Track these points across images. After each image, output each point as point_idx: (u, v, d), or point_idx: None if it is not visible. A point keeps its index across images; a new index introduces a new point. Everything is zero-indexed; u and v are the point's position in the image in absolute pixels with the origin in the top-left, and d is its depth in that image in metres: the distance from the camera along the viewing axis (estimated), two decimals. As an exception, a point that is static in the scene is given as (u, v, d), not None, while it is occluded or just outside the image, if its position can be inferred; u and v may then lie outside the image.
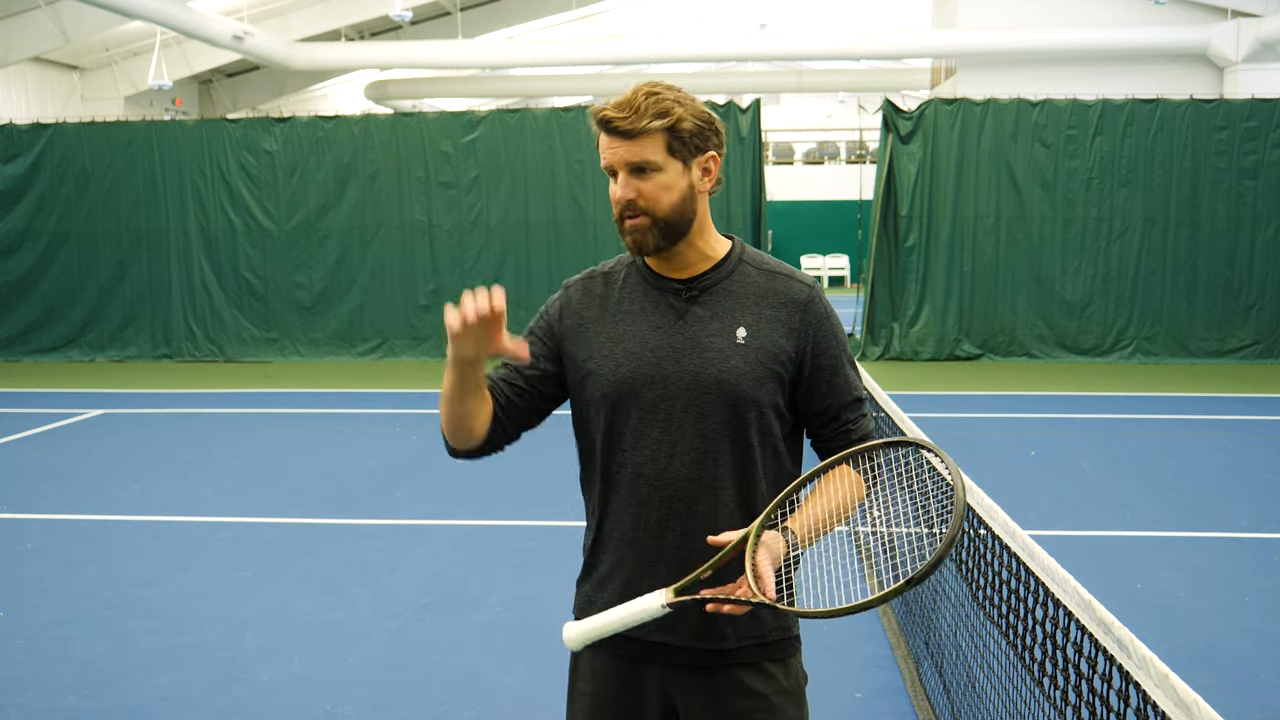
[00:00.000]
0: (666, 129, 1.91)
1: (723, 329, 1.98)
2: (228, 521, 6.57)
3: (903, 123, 12.76)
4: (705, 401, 1.96)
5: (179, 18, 16.78)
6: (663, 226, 1.95)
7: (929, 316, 12.87)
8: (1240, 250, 12.59)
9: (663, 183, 1.93)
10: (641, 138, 1.91)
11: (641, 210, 1.94)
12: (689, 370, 1.97)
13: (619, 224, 1.98)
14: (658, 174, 1.93)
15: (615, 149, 1.93)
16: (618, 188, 1.94)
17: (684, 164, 1.95)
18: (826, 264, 24.83)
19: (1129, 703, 1.96)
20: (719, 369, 1.96)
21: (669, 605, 1.82)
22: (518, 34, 26.86)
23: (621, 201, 1.94)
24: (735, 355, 1.97)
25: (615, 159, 1.93)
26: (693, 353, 1.98)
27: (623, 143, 1.91)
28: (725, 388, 1.96)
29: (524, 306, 13.18)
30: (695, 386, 1.96)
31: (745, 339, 1.98)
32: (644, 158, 1.92)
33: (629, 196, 1.93)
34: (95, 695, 4.21)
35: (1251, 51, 17.38)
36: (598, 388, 2.02)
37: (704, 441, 1.97)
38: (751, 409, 1.97)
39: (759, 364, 1.97)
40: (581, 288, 2.13)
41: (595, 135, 1.99)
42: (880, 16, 29.11)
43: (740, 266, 2.04)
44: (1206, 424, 9.54)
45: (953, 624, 3.71)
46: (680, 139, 1.93)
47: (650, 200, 1.93)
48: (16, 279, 13.51)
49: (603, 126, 1.93)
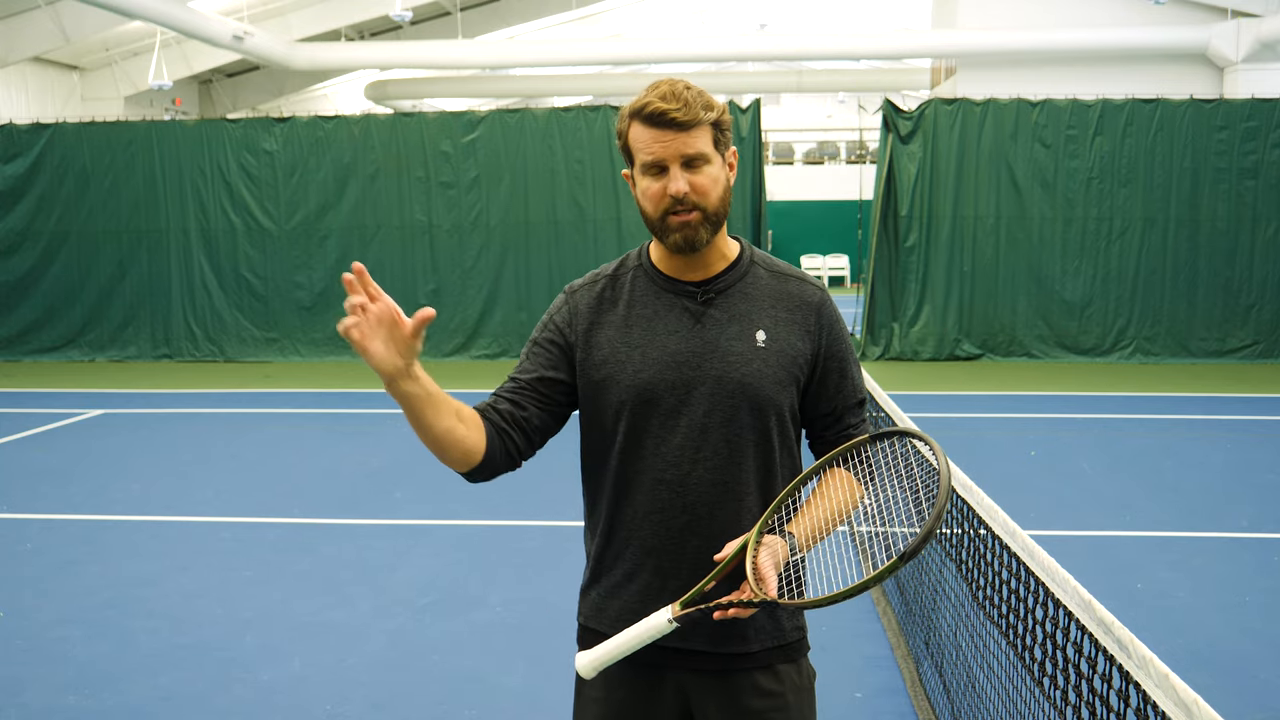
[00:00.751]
0: (712, 122, 1.91)
1: (742, 332, 1.97)
2: (228, 521, 6.57)
3: (903, 123, 12.76)
4: (729, 406, 1.95)
5: (179, 18, 16.78)
6: (713, 221, 1.93)
7: (929, 316, 12.87)
8: (1240, 250, 12.59)
9: (712, 175, 1.91)
10: (695, 129, 1.88)
11: (694, 204, 1.90)
12: (711, 375, 1.95)
13: (660, 221, 1.92)
14: (708, 166, 1.91)
15: (668, 142, 1.88)
16: (670, 182, 1.89)
17: (722, 157, 1.95)
18: (826, 264, 24.83)
19: (1129, 703, 1.96)
20: (742, 372, 1.95)
21: (675, 620, 1.82)
22: (518, 34, 26.86)
23: (676, 195, 1.89)
24: (757, 359, 1.96)
25: (668, 152, 1.88)
26: (714, 356, 1.96)
27: (676, 135, 1.87)
28: (749, 391, 1.95)
29: (524, 308, 13.23)
30: (719, 391, 1.95)
31: (765, 342, 1.97)
32: (698, 149, 1.89)
33: (683, 190, 1.89)
34: (95, 695, 4.21)
35: (1251, 51, 17.38)
36: (615, 394, 1.98)
37: (728, 446, 1.96)
38: (773, 412, 1.97)
39: (780, 367, 1.97)
40: (588, 293, 2.07)
41: (620, 131, 1.95)
42: (880, 16, 29.11)
43: (752, 269, 2.04)
44: (1206, 424, 9.54)
45: (953, 624, 3.71)
46: (721, 131, 1.93)
47: (702, 193, 1.90)
48: (16, 279, 13.51)
49: (652, 120, 1.88)
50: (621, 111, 1.96)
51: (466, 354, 13.23)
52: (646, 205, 1.93)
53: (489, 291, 13.23)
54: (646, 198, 1.93)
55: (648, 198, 1.93)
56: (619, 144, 1.98)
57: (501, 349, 13.20)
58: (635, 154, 1.93)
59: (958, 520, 3.48)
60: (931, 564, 4.08)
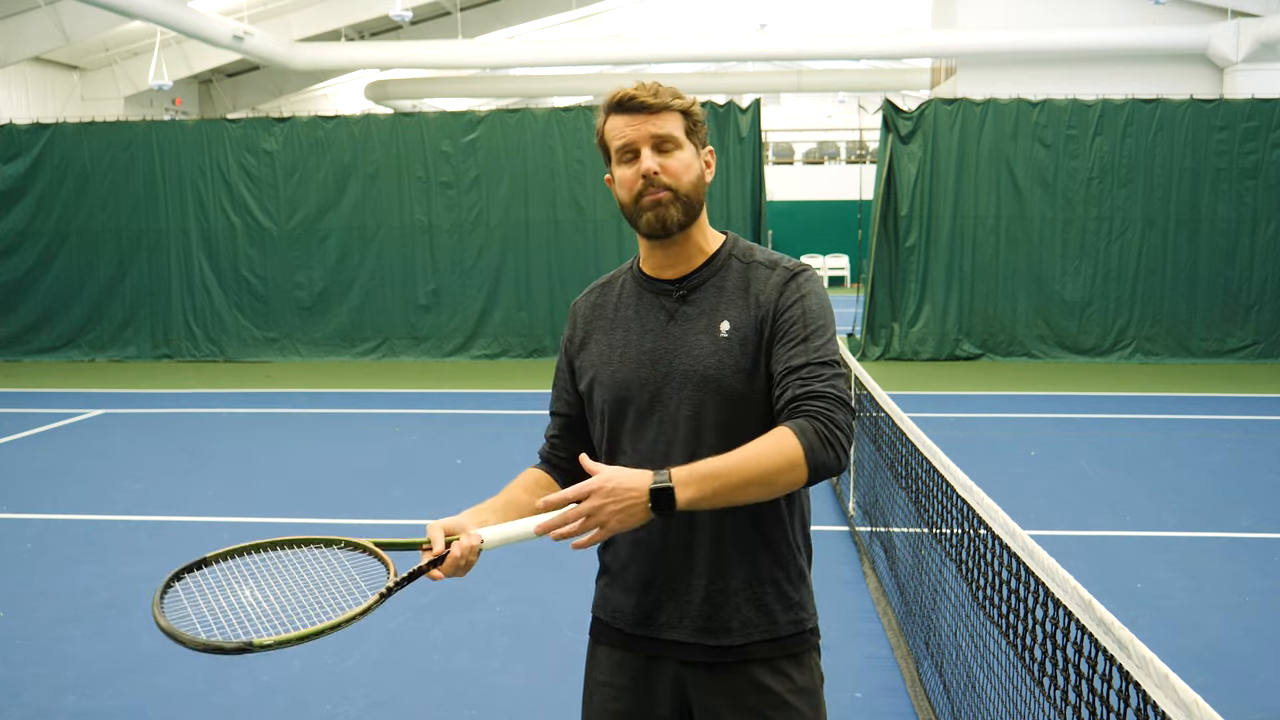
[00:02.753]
0: (682, 111, 1.98)
1: (709, 325, 2.00)
2: (228, 521, 6.56)
3: (903, 123, 12.76)
4: (696, 399, 1.98)
5: (179, 18, 16.79)
6: (684, 201, 1.98)
7: (929, 316, 12.87)
8: (1240, 250, 12.59)
9: (684, 160, 1.98)
10: (664, 113, 1.97)
11: (664, 185, 1.95)
12: (678, 370, 1.99)
13: (635, 204, 1.98)
14: (679, 151, 1.97)
15: (638, 125, 1.96)
16: (641, 161, 1.96)
17: (696, 149, 2.01)
18: (826, 264, 24.84)
19: (1129, 703, 1.96)
20: (705, 365, 1.98)
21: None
22: (518, 34, 26.88)
23: (646, 173, 1.95)
24: (720, 349, 1.98)
25: (639, 134, 1.96)
26: (681, 352, 2.00)
27: (646, 118, 1.96)
28: (713, 383, 1.97)
29: (524, 308, 13.23)
30: (686, 385, 1.99)
31: (729, 332, 1.99)
32: (668, 131, 1.96)
33: (653, 168, 1.94)
34: (95, 695, 4.21)
35: (1251, 51, 17.39)
36: (598, 394, 2.07)
37: (697, 438, 1.98)
38: (741, 401, 1.97)
39: (743, 355, 1.97)
40: (585, 303, 2.18)
41: (598, 129, 2.02)
42: (880, 16, 29.11)
43: (729, 262, 2.06)
44: (1206, 424, 9.54)
45: (953, 624, 3.71)
46: (693, 123, 2.00)
47: (674, 175, 1.96)
48: (16, 279, 13.51)
49: (622, 107, 1.97)
50: (597, 111, 2.01)
51: (466, 354, 13.23)
52: (622, 194, 2.00)
53: (489, 291, 13.23)
54: (622, 186, 2.00)
55: (623, 186, 1.99)
56: (597, 143, 2.04)
57: (502, 349, 13.20)
58: (610, 144, 2.00)
59: (958, 520, 3.48)
60: (931, 564, 4.08)
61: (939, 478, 3.81)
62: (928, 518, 4.08)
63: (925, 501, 4.13)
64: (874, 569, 5.47)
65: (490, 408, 10.20)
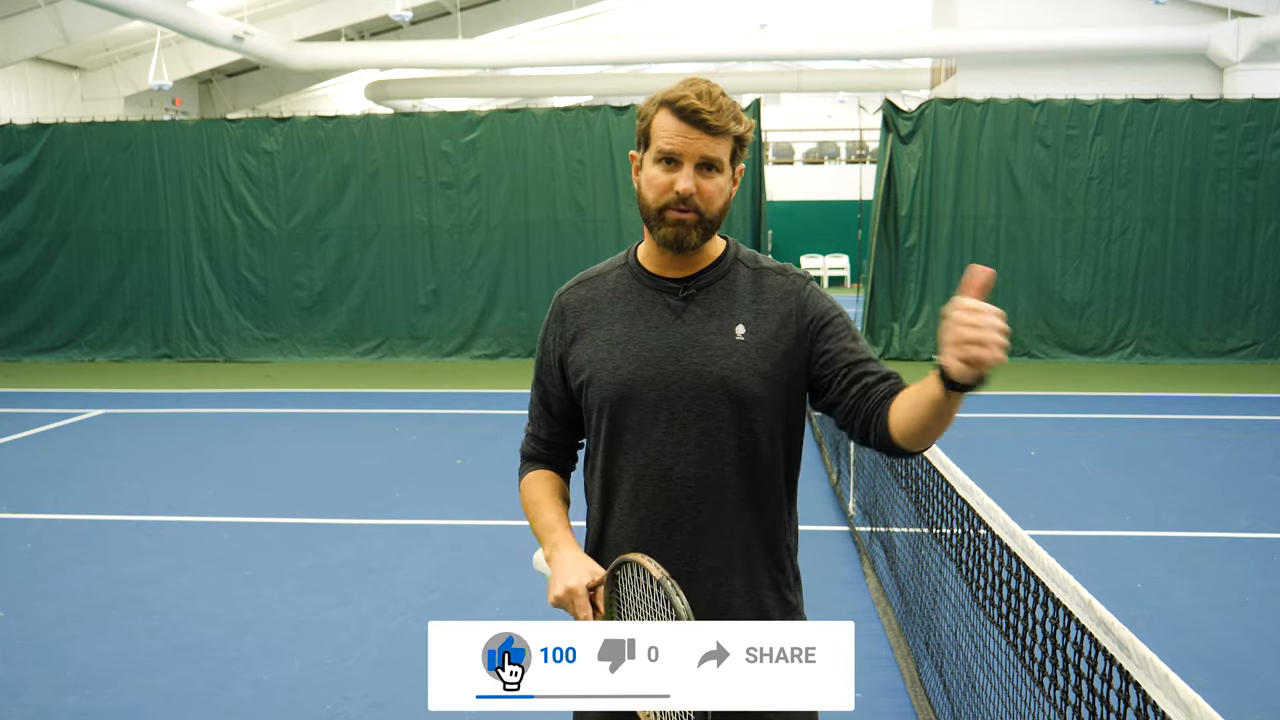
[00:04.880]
0: (737, 135, 1.94)
1: (722, 327, 1.98)
2: (228, 521, 6.56)
3: (903, 123, 12.77)
4: (708, 399, 1.96)
5: (179, 18, 16.78)
6: (707, 226, 1.95)
7: (929, 316, 12.86)
8: (1240, 250, 12.58)
9: (720, 185, 1.94)
10: (720, 137, 1.91)
11: (694, 206, 1.92)
12: (690, 369, 1.96)
13: (659, 214, 1.94)
14: (718, 175, 1.94)
15: (693, 140, 1.90)
16: (679, 178, 1.91)
17: (732, 170, 1.97)
18: (826, 264, 24.83)
19: (1129, 703, 1.96)
20: (721, 365, 1.96)
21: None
22: (518, 34, 26.86)
23: (682, 193, 1.91)
24: (736, 352, 1.96)
25: (690, 150, 1.90)
26: (693, 351, 1.97)
27: (702, 136, 1.90)
28: (728, 384, 1.95)
29: (524, 308, 13.23)
30: (698, 385, 1.96)
31: (745, 335, 1.97)
32: (718, 155, 1.92)
33: (690, 190, 1.91)
34: (95, 695, 4.21)
35: (1251, 51, 17.39)
36: (597, 392, 2.01)
37: (709, 439, 1.96)
38: (755, 404, 1.97)
39: (761, 359, 1.97)
40: (573, 294, 2.12)
41: (645, 114, 1.95)
42: (880, 16, 29.10)
43: (735, 265, 2.05)
44: (1206, 424, 9.54)
45: (953, 624, 3.71)
46: (741, 147, 1.96)
47: (706, 199, 1.93)
48: (16, 279, 13.50)
49: (683, 114, 1.90)
50: (652, 96, 1.97)
51: (466, 354, 13.23)
52: (648, 193, 1.95)
53: (489, 291, 13.23)
54: (650, 185, 1.94)
55: (652, 185, 1.94)
56: (639, 126, 1.98)
57: (502, 349, 13.20)
58: (654, 139, 1.94)
59: (958, 520, 3.48)
60: (931, 564, 4.08)
61: (939, 477, 3.81)
62: (928, 518, 4.08)
63: (925, 501, 4.13)
64: (874, 569, 5.46)
65: (490, 408, 10.20)
